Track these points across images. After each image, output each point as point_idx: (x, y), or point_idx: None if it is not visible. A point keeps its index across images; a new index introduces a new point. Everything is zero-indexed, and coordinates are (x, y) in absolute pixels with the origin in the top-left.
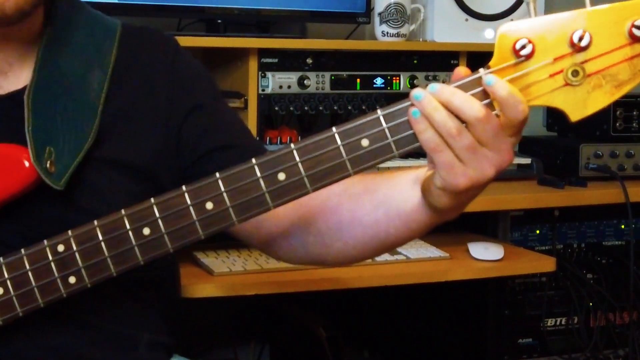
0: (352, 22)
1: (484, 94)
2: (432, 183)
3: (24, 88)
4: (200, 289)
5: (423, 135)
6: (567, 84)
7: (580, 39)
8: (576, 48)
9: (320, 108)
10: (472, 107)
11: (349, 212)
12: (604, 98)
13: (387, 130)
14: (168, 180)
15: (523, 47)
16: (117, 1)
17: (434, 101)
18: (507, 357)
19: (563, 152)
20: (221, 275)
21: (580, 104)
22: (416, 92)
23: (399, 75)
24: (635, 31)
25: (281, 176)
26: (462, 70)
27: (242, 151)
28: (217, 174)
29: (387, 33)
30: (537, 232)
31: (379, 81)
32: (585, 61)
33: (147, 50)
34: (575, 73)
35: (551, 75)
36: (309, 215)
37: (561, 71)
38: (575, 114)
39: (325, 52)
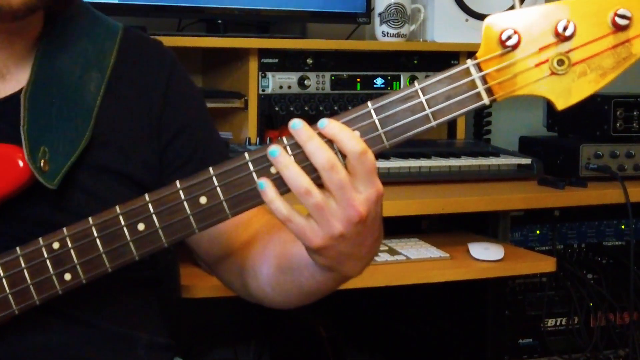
0: (352, 22)
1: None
2: None
3: (21, 90)
4: (200, 289)
5: (272, 205)
6: (552, 73)
7: (565, 28)
8: (561, 38)
9: (321, 108)
10: (321, 154)
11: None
12: (589, 86)
13: (377, 122)
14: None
15: (509, 37)
16: (117, 1)
17: (286, 157)
18: (507, 357)
19: (563, 152)
20: None
21: (565, 93)
22: (272, 148)
23: (399, 76)
24: (618, 20)
25: (273, 170)
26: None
27: None
28: (211, 170)
29: (387, 33)
30: (537, 232)
31: (379, 81)
32: (570, 50)
33: (146, 59)
34: (560, 62)
35: (537, 65)
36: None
37: (547, 60)
38: (560, 103)
39: (325, 52)
